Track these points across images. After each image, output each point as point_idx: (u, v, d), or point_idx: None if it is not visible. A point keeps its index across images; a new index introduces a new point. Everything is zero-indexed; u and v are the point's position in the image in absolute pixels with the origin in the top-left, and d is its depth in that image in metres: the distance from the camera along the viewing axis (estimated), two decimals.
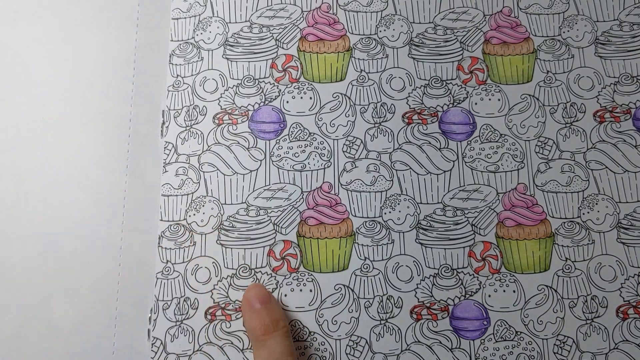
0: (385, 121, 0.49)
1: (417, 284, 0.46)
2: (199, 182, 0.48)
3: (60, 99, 0.50)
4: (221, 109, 0.50)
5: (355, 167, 0.48)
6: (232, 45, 0.51)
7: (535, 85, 0.50)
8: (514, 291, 0.46)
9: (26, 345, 0.45)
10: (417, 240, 0.47)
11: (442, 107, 0.49)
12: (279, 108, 0.50)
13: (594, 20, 0.51)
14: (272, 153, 0.49)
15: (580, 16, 0.51)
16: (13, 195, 0.48)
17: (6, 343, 0.45)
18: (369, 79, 0.50)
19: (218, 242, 0.47)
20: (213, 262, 0.47)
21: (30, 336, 0.45)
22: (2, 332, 0.45)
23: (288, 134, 0.49)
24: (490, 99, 0.50)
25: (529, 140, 0.49)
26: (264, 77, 0.50)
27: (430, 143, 0.49)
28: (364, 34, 0.51)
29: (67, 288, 0.46)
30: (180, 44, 0.51)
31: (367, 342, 0.45)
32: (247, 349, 0.45)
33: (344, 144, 0.49)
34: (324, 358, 0.45)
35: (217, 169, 0.48)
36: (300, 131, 0.49)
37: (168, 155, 0.49)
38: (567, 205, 0.47)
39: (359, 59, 0.51)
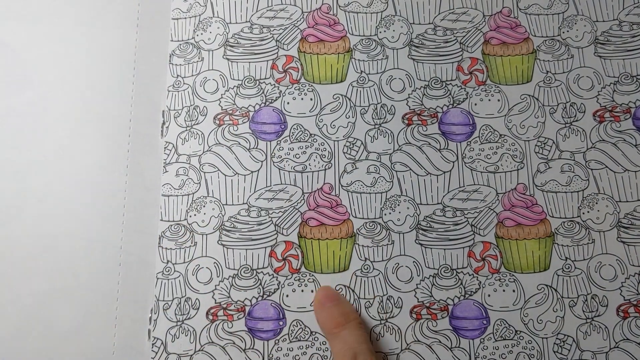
0: (386, 122, 0.49)
1: (417, 284, 0.46)
2: (199, 183, 0.48)
3: (60, 99, 0.50)
4: (222, 109, 0.50)
5: (356, 168, 0.49)
6: (232, 46, 0.51)
7: (535, 86, 0.50)
8: (514, 291, 0.46)
9: (26, 346, 0.45)
10: (417, 241, 0.47)
11: (441, 108, 0.50)
12: (280, 109, 0.50)
13: (593, 20, 0.51)
14: (273, 154, 0.49)
15: (580, 16, 0.51)
16: (13, 195, 0.48)
17: (6, 343, 0.45)
18: (369, 80, 0.50)
19: (219, 242, 0.47)
20: (214, 263, 0.47)
21: (30, 336, 0.45)
22: (2, 332, 0.45)
23: (289, 135, 0.49)
24: (489, 100, 0.50)
25: (528, 141, 0.49)
26: (265, 78, 0.50)
27: (430, 144, 0.49)
28: (364, 35, 0.51)
29: (67, 288, 0.46)
30: (180, 44, 0.51)
31: None
32: (249, 348, 0.45)
33: (345, 145, 0.49)
34: (325, 358, 0.45)
35: (218, 170, 0.48)
36: (300, 132, 0.49)
37: (168, 155, 0.49)
38: (567, 205, 0.47)
39: (359, 60, 0.51)
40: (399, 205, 0.48)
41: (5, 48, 0.50)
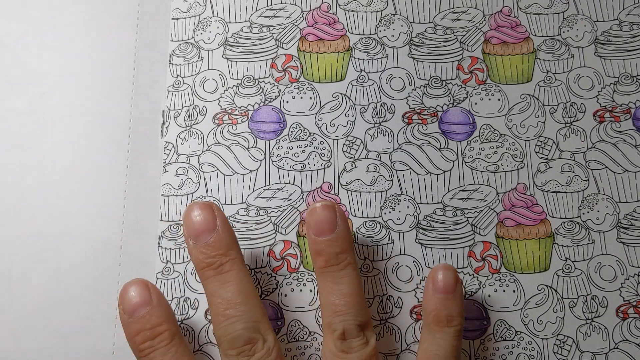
0: (385, 121, 0.49)
1: (417, 284, 0.46)
2: (199, 182, 0.48)
3: (60, 99, 0.50)
4: (221, 109, 0.50)
5: (355, 167, 0.48)
6: (232, 45, 0.51)
7: (535, 85, 0.50)
8: (514, 291, 0.46)
9: (26, 345, 0.45)
10: (417, 240, 0.47)
11: (442, 107, 0.49)
12: (279, 108, 0.50)
13: (593, 20, 0.51)
14: (272, 153, 0.49)
15: (580, 16, 0.51)
16: (13, 195, 0.48)
17: (6, 343, 0.45)
18: (368, 78, 0.50)
19: None
20: None
21: (30, 336, 0.45)
22: (2, 332, 0.45)
23: (288, 134, 0.49)
24: (490, 99, 0.50)
25: (528, 140, 0.49)
26: (264, 77, 0.50)
27: (430, 143, 0.49)
28: (363, 34, 0.51)
29: (67, 288, 0.46)
30: (180, 44, 0.51)
31: None
32: None
33: (344, 144, 0.49)
34: None
35: (217, 169, 0.48)
36: (300, 131, 0.49)
37: (168, 155, 0.49)
38: (567, 205, 0.47)
39: (358, 58, 0.51)
40: (398, 204, 0.48)
41: (5, 48, 0.51)
